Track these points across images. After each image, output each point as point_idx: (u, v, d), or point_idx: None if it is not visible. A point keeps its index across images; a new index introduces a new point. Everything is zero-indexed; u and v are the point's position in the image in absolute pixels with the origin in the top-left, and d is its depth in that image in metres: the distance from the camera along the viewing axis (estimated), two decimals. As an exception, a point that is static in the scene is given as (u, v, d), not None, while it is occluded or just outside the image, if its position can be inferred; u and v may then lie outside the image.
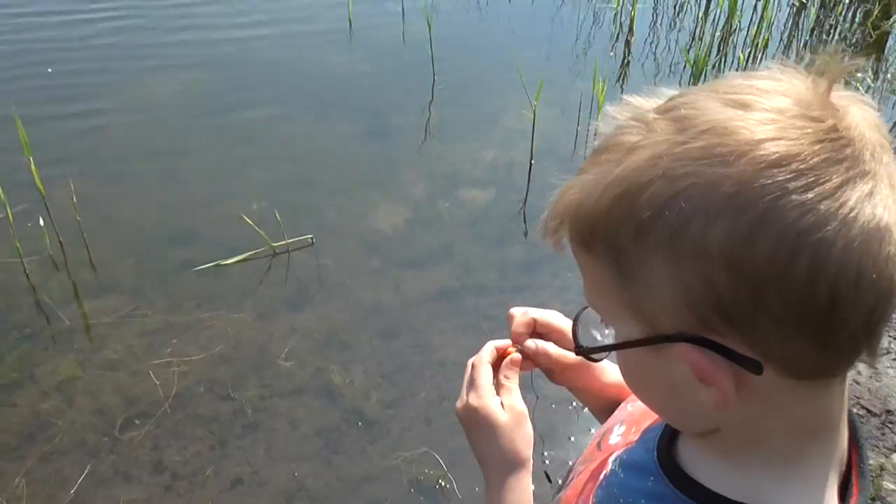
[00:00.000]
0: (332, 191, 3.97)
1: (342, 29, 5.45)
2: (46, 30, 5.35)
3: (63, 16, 5.54)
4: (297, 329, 3.18)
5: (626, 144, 0.64)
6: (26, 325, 3.21)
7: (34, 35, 5.28)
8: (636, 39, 5.40)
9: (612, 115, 0.69)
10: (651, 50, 5.32)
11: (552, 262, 3.52)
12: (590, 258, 0.66)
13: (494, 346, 1.08)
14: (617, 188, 0.61)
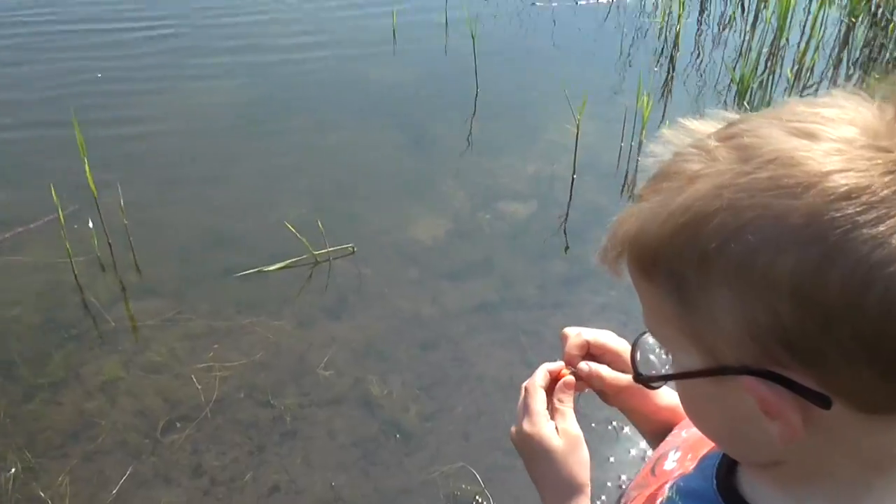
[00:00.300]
0: (374, 200, 4.00)
1: (386, 40, 5.49)
2: (98, 36, 5.47)
3: (115, 28, 5.65)
4: (336, 338, 3.20)
5: (687, 172, 0.63)
6: (73, 324, 3.28)
7: (87, 41, 5.40)
8: (680, 54, 5.37)
9: (668, 140, 0.69)
10: (695, 65, 5.29)
11: (592, 278, 3.51)
12: (650, 286, 0.66)
13: (547, 370, 1.08)
14: (680, 217, 0.61)
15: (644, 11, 6.01)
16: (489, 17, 5.72)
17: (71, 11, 5.80)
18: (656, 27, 5.71)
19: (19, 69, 5.06)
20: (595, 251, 0.71)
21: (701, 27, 5.83)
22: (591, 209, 3.98)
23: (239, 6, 5.96)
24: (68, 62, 5.11)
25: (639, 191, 0.69)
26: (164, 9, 5.89)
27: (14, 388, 2.99)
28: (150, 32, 5.53)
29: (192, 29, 5.61)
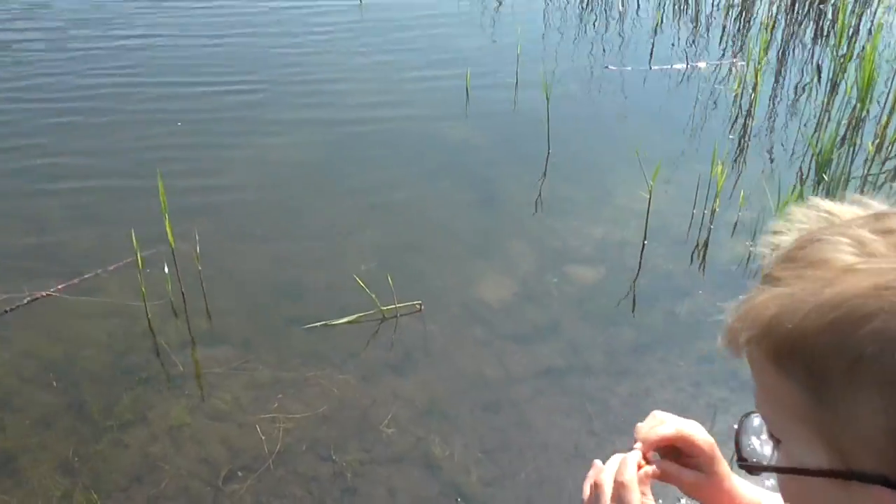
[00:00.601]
0: (442, 258, 4.02)
1: (459, 100, 5.57)
2: (180, 90, 5.68)
3: (197, 82, 5.86)
4: (399, 395, 3.20)
5: (838, 263, 0.61)
6: (143, 367, 3.34)
7: (170, 95, 5.60)
8: (755, 122, 5.32)
9: (799, 219, 0.68)
10: (770, 134, 5.23)
11: (661, 347, 3.46)
12: (780, 375, 0.63)
13: (636, 461, 1.06)
14: (831, 313, 0.58)
15: (718, 78, 5.98)
16: (561, 79, 5.75)
17: (155, 67, 6.01)
18: (730, 94, 5.67)
19: (107, 119, 5.26)
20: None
21: (776, 95, 5.78)
22: (660, 276, 3.93)
23: (316, 67, 6.11)
24: (152, 114, 5.30)
25: (770, 270, 0.66)
26: (245, 67, 6.07)
27: (84, 427, 3.04)
28: (229, 88, 5.70)
29: (271, 86, 5.76)
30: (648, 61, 6.26)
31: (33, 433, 3.02)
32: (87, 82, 5.71)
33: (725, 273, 3.95)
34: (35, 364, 3.34)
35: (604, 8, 7.52)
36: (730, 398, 3.18)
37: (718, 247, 4.11)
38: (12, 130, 5.08)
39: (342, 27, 6.82)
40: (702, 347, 3.46)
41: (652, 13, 7.37)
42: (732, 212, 4.29)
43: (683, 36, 6.87)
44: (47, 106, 5.38)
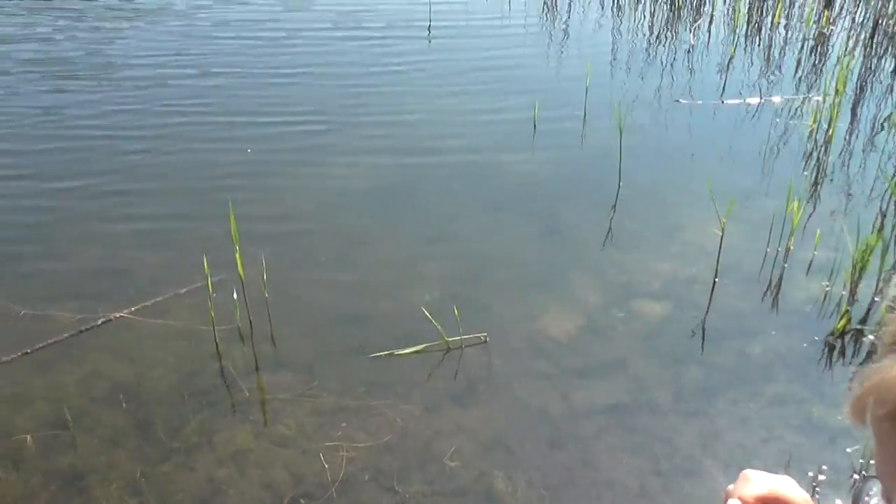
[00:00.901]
0: (508, 289, 4.00)
1: (526, 131, 5.57)
2: (249, 119, 5.80)
3: (267, 117, 5.98)
4: (463, 427, 3.17)
5: None
6: (210, 391, 3.38)
7: (238, 123, 5.72)
8: (831, 159, 5.19)
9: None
10: (848, 171, 5.10)
11: (732, 388, 3.37)
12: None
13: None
14: None
15: (793, 113, 5.87)
16: (631, 113, 5.71)
17: (226, 101, 6.17)
18: (805, 129, 5.55)
19: (178, 148, 5.40)
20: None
21: (853, 130, 5.64)
22: (731, 315, 3.84)
23: (384, 99, 6.19)
24: (222, 143, 5.43)
25: None
26: (313, 100, 6.19)
27: (151, 448, 3.09)
28: (298, 119, 5.82)
29: (339, 118, 5.86)
30: (720, 95, 6.17)
31: (102, 452, 3.07)
32: (160, 117, 5.88)
33: (799, 313, 3.84)
34: (106, 384, 3.41)
35: (673, 41, 7.47)
36: (804, 443, 3.08)
37: (792, 286, 4.00)
38: (90, 158, 5.24)
39: (410, 60, 6.90)
40: (774, 390, 3.36)
41: (723, 46, 7.29)
42: (807, 250, 4.18)
43: (756, 70, 6.77)
44: (123, 135, 5.55)
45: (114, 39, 7.30)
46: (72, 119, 5.78)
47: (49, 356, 3.54)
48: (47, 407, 3.28)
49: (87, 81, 6.41)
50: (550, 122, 5.69)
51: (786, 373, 3.45)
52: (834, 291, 3.93)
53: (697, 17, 8.06)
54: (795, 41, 7.40)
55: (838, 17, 8.06)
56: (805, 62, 6.96)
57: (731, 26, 7.86)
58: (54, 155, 5.28)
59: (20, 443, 3.10)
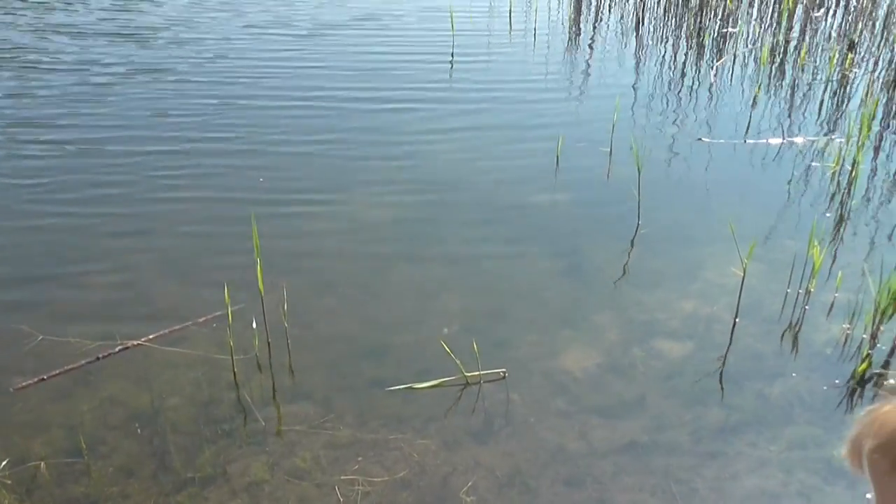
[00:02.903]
0: (526, 325, 3.98)
1: (549, 166, 5.59)
2: (270, 146, 5.85)
3: (289, 141, 6.04)
4: (480, 463, 3.14)
5: None
6: (225, 420, 3.37)
7: (260, 150, 5.78)
8: (854, 201, 5.16)
9: None
10: (870, 213, 5.06)
11: (751, 429, 3.32)
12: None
13: None
14: None
15: (815, 154, 5.85)
16: (652, 150, 5.72)
17: (247, 126, 6.25)
18: (828, 170, 5.53)
19: (201, 172, 5.45)
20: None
21: (876, 172, 5.61)
22: (751, 356, 3.80)
23: (406, 127, 6.25)
24: (242, 171, 5.49)
25: None
26: (335, 127, 6.25)
27: (165, 478, 3.07)
28: (319, 147, 5.88)
29: (361, 146, 5.92)
30: (742, 134, 6.17)
31: (116, 481, 3.06)
32: (182, 144, 5.94)
33: (820, 356, 3.79)
34: (122, 412, 3.41)
35: (696, 79, 7.49)
36: (823, 487, 3.03)
37: (813, 328, 3.96)
38: (113, 184, 5.30)
39: (432, 93, 6.96)
40: (794, 433, 3.31)
41: (746, 86, 7.30)
42: (829, 293, 4.14)
43: (779, 110, 6.76)
44: (146, 162, 5.61)
45: (136, 65, 7.41)
46: (96, 145, 5.85)
47: (65, 383, 3.55)
48: (62, 434, 3.28)
49: (107, 108, 6.50)
50: (572, 158, 5.71)
51: (806, 415, 3.40)
52: (855, 334, 3.89)
53: (720, 57, 8.09)
54: (819, 82, 7.40)
55: (861, 60, 8.06)
56: (828, 103, 6.95)
57: (755, 66, 7.87)
58: (76, 181, 5.34)
59: (34, 469, 3.10)
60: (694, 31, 8.96)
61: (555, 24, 9.33)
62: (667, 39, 8.85)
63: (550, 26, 9.14)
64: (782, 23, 8.93)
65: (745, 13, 9.66)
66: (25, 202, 5.06)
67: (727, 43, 8.52)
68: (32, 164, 5.58)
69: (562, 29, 9.24)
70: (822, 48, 8.37)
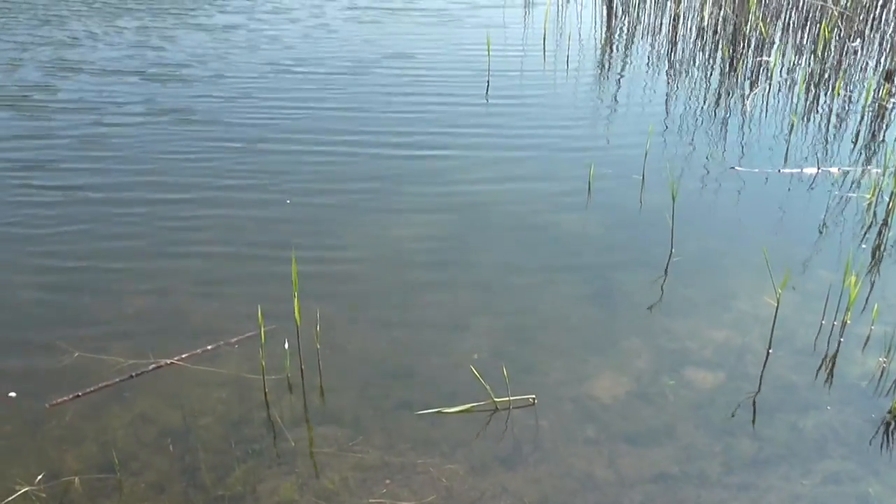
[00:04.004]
0: (556, 351, 3.98)
1: (581, 192, 5.59)
2: (303, 166, 5.93)
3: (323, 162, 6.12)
4: (508, 489, 3.13)
5: None
6: (256, 440, 3.40)
7: (293, 169, 5.86)
8: (891, 233, 5.11)
9: None
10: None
11: (784, 462, 3.28)
12: None
13: None
14: None
15: (851, 184, 5.80)
16: (685, 178, 5.71)
17: (280, 144, 6.34)
18: (863, 201, 5.48)
19: (237, 198, 5.52)
20: None
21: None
22: (784, 387, 3.76)
23: (440, 152, 6.29)
24: (276, 191, 5.56)
25: None
26: (371, 149, 6.31)
27: (196, 495, 3.10)
28: (353, 169, 5.94)
29: (397, 169, 5.98)
30: (776, 164, 6.14)
31: (147, 497, 3.10)
32: (218, 163, 6.03)
33: (855, 389, 3.74)
34: (154, 429, 3.45)
35: (729, 108, 7.47)
36: (859, 524, 2.99)
37: (848, 361, 3.91)
38: (148, 203, 5.39)
39: (467, 120, 7.00)
40: (828, 467, 3.27)
41: (780, 115, 7.26)
42: (864, 325, 4.09)
43: (814, 139, 6.72)
44: (181, 182, 5.70)
45: (177, 87, 7.55)
46: (128, 163, 5.96)
47: (99, 399, 3.61)
48: (95, 449, 3.33)
49: (146, 128, 6.62)
50: (604, 185, 5.71)
51: (840, 450, 3.35)
52: (892, 368, 3.83)
53: (755, 85, 8.06)
54: (855, 112, 7.35)
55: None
56: (864, 134, 6.90)
57: (789, 95, 7.84)
58: (110, 199, 5.44)
59: (67, 484, 3.14)
60: (728, 58, 8.94)
61: (587, 51, 9.36)
62: (700, 67, 8.84)
63: (582, 54, 9.17)
64: (818, 52, 8.89)
65: (780, 41, 9.63)
66: (59, 222, 5.15)
67: (761, 71, 8.49)
68: (72, 180, 5.69)
69: (594, 56, 9.27)
70: (858, 78, 8.31)
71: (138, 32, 9.53)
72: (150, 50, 8.86)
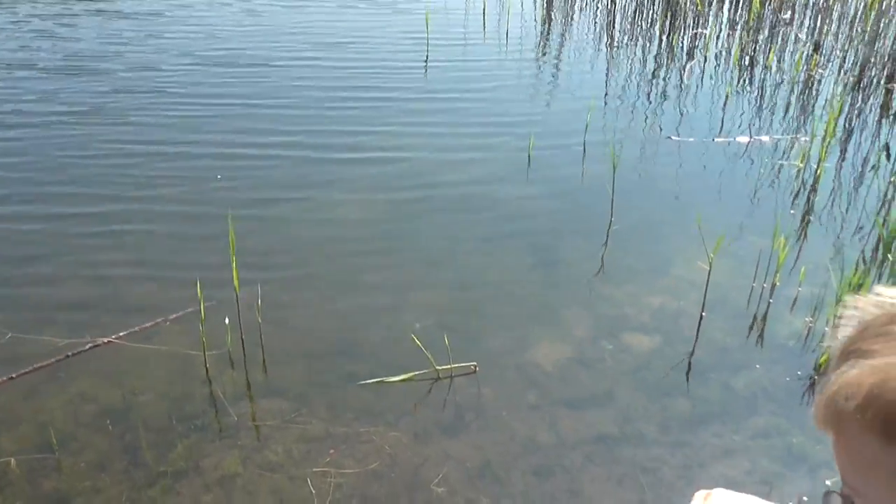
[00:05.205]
0: (498, 320, 4.03)
1: (521, 163, 5.64)
2: (241, 143, 5.86)
3: (260, 142, 6.05)
4: (451, 455, 3.18)
5: None
6: (198, 416, 3.38)
7: (228, 148, 5.78)
8: (819, 198, 5.26)
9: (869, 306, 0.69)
10: (834, 210, 5.16)
11: (717, 420, 3.39)
12: (887, 448, 0.64)
13: None
14: None
15: (782, 152, 5.95)
16: (622, 148, 5.79)
17: (217, 122, 6.25)
18: (793, 169, 5.63)
19: (174, 173, 5.44)
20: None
21: (841, 171, 5.72)
22: (717, 349, 3.87)
23: (380, 128, 6.28)
24: (213, 169, 5.48)
25: (856, 345, 0.67)
26: (310, 125, 6.26)
27: (137, 473, 3.08)
28: (292, 144, 5.88)
29: (336, 145, 5.94)
30: (711, 133, 6.26)
31: (87, 476, 3.07)
32: (151, 140, 5.94)
33: (783, 348, 3.87)
34: (93, 408, 3.41)
35: (666, 80, 7.58)
36: (786, 474, 3.10)
37: (777, 322, 4.04)
38: (82, 181, 5.29)
39: (406, 94, 6.99)
40: (758, 422, 3.38)
41: (715, 86, 7.40)
42: (793, 287, 4.23)
43: (746, 110, 6.87)
44: (115, 160, 5.60)
45: (96, 65, 7.38)
46: (60, 143, 5.83)
47: (35, 381, 3.54)
48: (32, 430, 3.28)
49: (75, 106, 6.47)
50: (544, 155, 5.76)
51: (769, 406, 3.47)
52: (817, 327, 3.97)
53: (691, 58, 8.19)
54: (786, 83, 7.52)
55: (827, 62, 8.20)
56: (794, 104, 7.07)
57: (725, 67, 7.99)
58: (44, 178, 5.32)
59: (4, 465, 3.09)
60: (665, 31, 9.07)
61: (527, 26, 9.40)
62: (638, 41, 8.95)
63: (523, 29, 9.20)
64: (751, 25, 9.06)
65: (716, 15, 9.79)
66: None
67: (697, 44, 8.63)
68: (2, 162, 5.55)
69: (535, 32, 9.31)
70: (789, 50, 8.50)
71: (40, 20, 8.84)
72: (52, 40, 8.16)
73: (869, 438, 0.64)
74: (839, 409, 0.66)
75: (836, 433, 0.69)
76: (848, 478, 0.70)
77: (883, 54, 7.94)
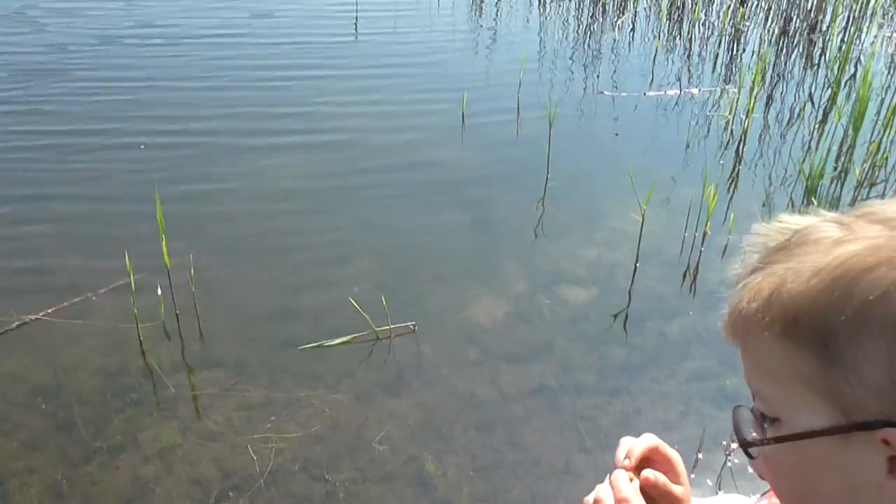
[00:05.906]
0: (436, 279, 4.03)
1: (455, 123, 5.62)
2: (170, 112, 5.72)
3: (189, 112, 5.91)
4: (393, 414, 3.19)
5: (828, 239, 0.65)
6: (134, 389, 3.32)
7: (158, 118, 5.64)
8: (747, 148, 5.36)
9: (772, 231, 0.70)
10: (762, 159, 5.27)
11: (652, 367, 3.46)
12: (784, 346, 0.66)
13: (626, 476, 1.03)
14: (832, 273, 0.62)
15: (711, 104, 6.04)
16: (556, 104, 5.80)
17: (147, 94, 6.08)
18: (722, 120, 5.72)
19: (98, 144, 5.29)
20: (646, 334, 0.70)
21: (768, 121, 5.83)
22: (652, 298, 3.94)
23: (312, 95, 6.19)
24: (143, 139, 5.33)
25: (757, 261, 0.69)
26: (240, 93, 6.14)
27: (73, 449, 3.03)
28: (222, 113, 5.76)
29: (267, 112, 5.82)
30: (643, 87, 6.32)
31: (21, 456, 3.00)
32: (77, 112, 5.76)
33: (715, 295, 3.94)
34: (23, 387, 3.33)
35: (598, 36, 7.61)
36: (718, 415, 3.18)
37: (709, 269, 4.12)
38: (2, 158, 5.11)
39: (336, 57, 6.90)
40: (691, 366, 3.46)
41: (646, 41, 7.46)
42: (723, 235, 4.31)
43: (677, 63, 6.94)
44: (38, 130, 5.42)
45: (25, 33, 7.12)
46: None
47: (-38, 361, 3.44)
48: (-38, 412, 3.19)
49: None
50: (479, 116, 5.75)
51: (702, 350, 3.55)
52: (746, 271, 4.05)
53: (621, 14, 8.23)
54: (714, 36, 7.61)
55: (753, 14, 8.31)
56: (722, 56, 7.17)
57: (654, 22, 8.05)
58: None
59: (-66, 448, 3.01)
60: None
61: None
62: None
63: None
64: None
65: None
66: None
67: (628, 1, 8.67)
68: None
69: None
70: (716, 2, 8.60)
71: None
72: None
73: (770, 340, 0.66)
74: (743, 315, 0.68)
75: (742, 341, 0.71)
76: (752, 383, 0.72)
77: (806, 7, 8.07)
